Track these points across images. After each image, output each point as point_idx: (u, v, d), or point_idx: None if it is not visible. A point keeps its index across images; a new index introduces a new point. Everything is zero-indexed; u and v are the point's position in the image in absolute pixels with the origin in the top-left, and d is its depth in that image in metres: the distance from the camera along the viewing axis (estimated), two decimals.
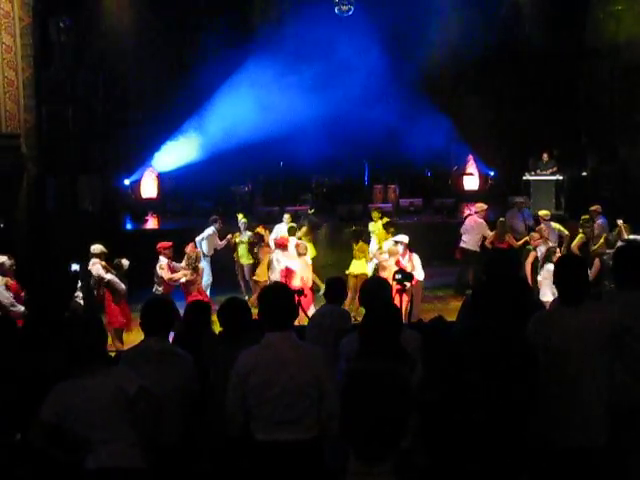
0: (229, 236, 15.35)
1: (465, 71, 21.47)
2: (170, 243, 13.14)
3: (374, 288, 5.63)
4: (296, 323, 6.35)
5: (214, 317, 6.59)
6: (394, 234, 13.80)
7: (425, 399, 4.96)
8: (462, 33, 20.66)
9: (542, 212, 15.17)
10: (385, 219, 15.67)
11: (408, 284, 8.23)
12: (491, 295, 5.25)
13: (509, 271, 6.82)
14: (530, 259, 13.26)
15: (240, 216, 15.82)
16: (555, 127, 20.83)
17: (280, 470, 4.80)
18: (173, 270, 12.72)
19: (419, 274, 12.31)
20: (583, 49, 20.42)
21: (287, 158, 21.19)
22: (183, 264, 12.90)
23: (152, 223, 20.63)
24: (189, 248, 13.19)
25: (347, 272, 13.75)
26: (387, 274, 11.61)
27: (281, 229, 15.38)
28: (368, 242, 14.33)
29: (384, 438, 2.80)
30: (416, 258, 12.63)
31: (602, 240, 13.63)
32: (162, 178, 22.05)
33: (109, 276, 11.87)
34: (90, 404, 4.71)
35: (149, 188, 21.98)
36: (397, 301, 8.01)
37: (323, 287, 15.13)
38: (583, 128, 21.18)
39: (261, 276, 14.38)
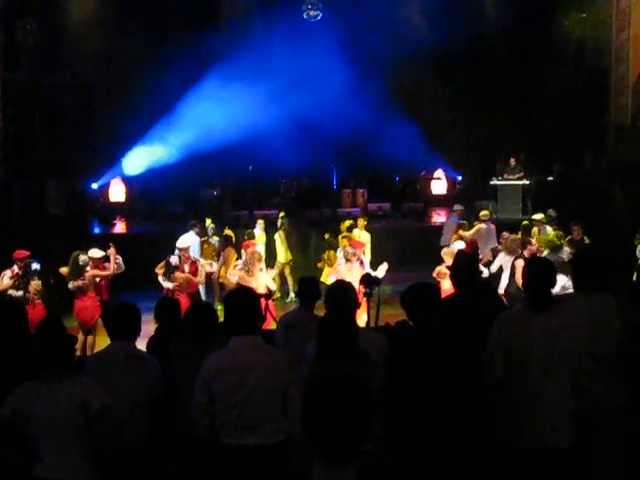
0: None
1: (432, 76, 21.56)
2: (253, 241, 13.17)
3: (339, 291, 5.63)
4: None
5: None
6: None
7: (390, 402, 5.01)
8: (428, 39, 20.80)
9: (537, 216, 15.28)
10: (348, 222, 15.55)
11: (375, 288, 8.21)
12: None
13: (475, 275, 6.89)
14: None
15: (208, 221, 15.71)
16: (522, 132, 21.04)
17: (247, 474, 4.81)
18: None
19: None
20: (549, 55, 20.63)
21: (256, 162, 21.21)
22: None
23: (120, 227, 20.53)
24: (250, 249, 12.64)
25: (322, 280, 13.41)
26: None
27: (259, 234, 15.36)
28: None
29: (345, 441, 2.82)
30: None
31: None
32: (130, 182, 21.94)
33: None
34: (49, 412, 4.67)
35: (117, 192, 21.87)
36: (364, 305, 8.01)
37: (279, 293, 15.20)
38: (549, 133, 21.39)
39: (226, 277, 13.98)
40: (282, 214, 16.52)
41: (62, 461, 4.70)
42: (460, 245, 12.89)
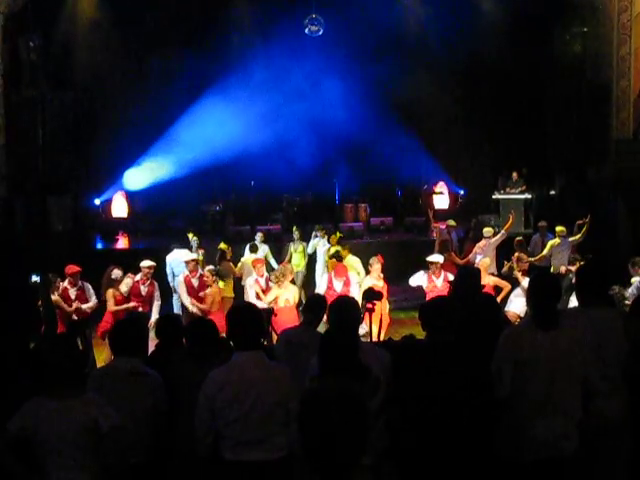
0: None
1: (434, 91, 21.60)
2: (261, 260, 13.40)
3: (342, 307, 5.58)
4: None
5: None
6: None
7: (394, 417, 4.99)
8: (431, 54, 20.88)
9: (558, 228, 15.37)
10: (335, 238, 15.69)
11: (378, 303, 8.19)
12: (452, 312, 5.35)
13: (477, 289, 6.89)
14: None
15: (191, 235, 15.59)
16: (524, 146, 21.05)
17: None
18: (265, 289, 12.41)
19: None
20: (550, 69, 20.67)
21: (258, 177, 21.20)
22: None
23: (123, 242, 20.49)
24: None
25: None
26: None
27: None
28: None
29: (341, 457, 2.81)
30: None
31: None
32: (133, 197, 21.91)
33: None
34: (58, 429, 4.65)
35: (119, 207, 21.84)
36: (367, 320, 7.99)
37: None
38: (551, 148, 21.41)
39: (225, 292, 13.72)
40: (294, 228, 17.03)
41: (69, 477, 4.68)
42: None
